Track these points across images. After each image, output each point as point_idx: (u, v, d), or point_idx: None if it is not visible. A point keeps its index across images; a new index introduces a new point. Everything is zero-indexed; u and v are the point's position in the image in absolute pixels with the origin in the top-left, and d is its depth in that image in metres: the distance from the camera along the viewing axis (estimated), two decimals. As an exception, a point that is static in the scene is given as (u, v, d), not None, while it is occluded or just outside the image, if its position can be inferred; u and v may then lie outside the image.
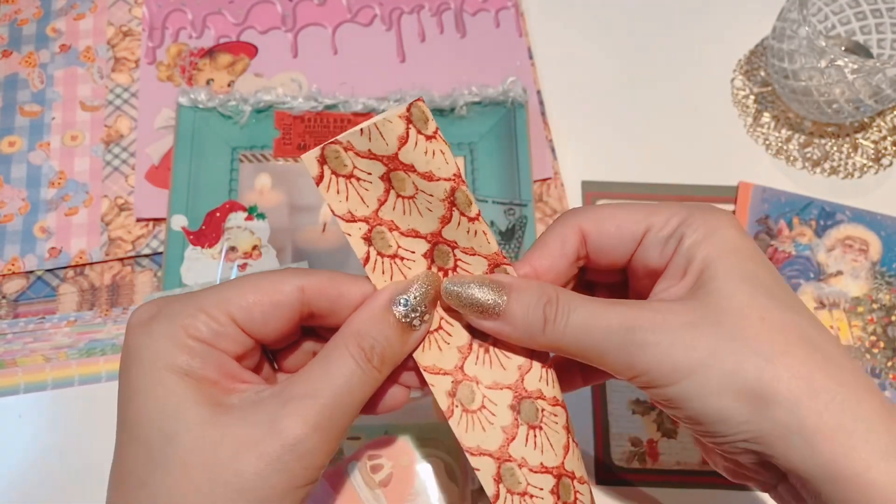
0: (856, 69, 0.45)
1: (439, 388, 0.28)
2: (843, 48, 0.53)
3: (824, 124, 0.53)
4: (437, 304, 0.28)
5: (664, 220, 0.28)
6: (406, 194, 0.27)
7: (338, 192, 0.26)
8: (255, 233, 0.47)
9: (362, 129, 0.26)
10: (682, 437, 0.44)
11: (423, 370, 0.28)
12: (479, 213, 0.28)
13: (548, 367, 0.30)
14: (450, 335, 0.29)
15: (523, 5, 0.57)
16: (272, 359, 0.30)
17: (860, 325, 0.47)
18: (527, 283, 0.28)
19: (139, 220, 0.48)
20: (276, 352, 0.30)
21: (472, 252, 0.29)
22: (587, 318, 0.26)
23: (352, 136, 0.26)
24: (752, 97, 0.54)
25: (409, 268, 0.28)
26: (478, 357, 0.29)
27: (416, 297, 0.27)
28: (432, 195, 0.27)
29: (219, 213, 0.47)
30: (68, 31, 0.53)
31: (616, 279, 0.32)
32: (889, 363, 0.46)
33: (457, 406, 0.28)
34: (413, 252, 0.28)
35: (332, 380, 0.25)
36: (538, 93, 0.53)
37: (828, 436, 0.23)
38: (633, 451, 0.44)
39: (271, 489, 0.23)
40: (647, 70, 0.55)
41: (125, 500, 0.24)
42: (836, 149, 0.52)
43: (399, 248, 0.28)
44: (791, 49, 0.48)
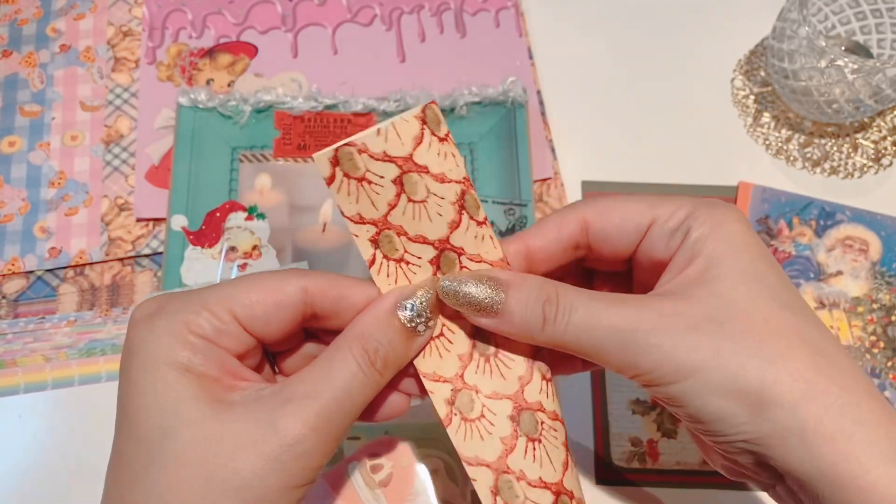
0: (856, 69, 0.45)
1: (438, 395, 0.28)
2: (843, 48, 0.53)
3: (824, 124, 0.53)
4: (441, 311, 0.28)
5: (670, 213, 0.28)
6: (417, 198, 0.27)
7: (349, 195, 0.26)
8: (255, 233, 0.47)
9: (379, 130, 0.26)
10: (683, 437, 0.44)
11: (423, 377, 0.28)
12: (486, 218, 0.28)
13: (548, 381, 0.29)
14: (451, 342, 0.28)
15: (523, 5, 0.57)
16: (273, 362, 0.30)
17: (860, 325, 0.47)
18: (525, 279, 0.27)
19: (139, 220, 0.48)
20: (277, 355, 0.30)
21: (479, 259, 0.28)
22: (588, 318, 0.26)
23: (367, 138, 0.25)
24: (752, 97, 0.54)
25: (415, 273, 0.28)
26: (478, 366, 0.29)
27: (422, 303, 0.27)
28: (443, 198, 0.27)
29: (219, 213, 0.47)
30: (68, 31, 0.53)
31: (619, 268, 0.31)
32: (889, 363, 0.46)
33: (455, 414, 0.28)
34: (419, 258, 0.28)
35: (334, 381, 0.25)
36: (538, 93, 0.53)
37: (827, 439, 0.23)
38: (633, 451, 0.44)
39: (268, 488, 0.23)
40: (647, 70, 0.55)
41: (120, 494, 0.24)
42: (836, 149, 0.52)
43: (406, 252, 0.27)
44: (791, 49, 0.48)
